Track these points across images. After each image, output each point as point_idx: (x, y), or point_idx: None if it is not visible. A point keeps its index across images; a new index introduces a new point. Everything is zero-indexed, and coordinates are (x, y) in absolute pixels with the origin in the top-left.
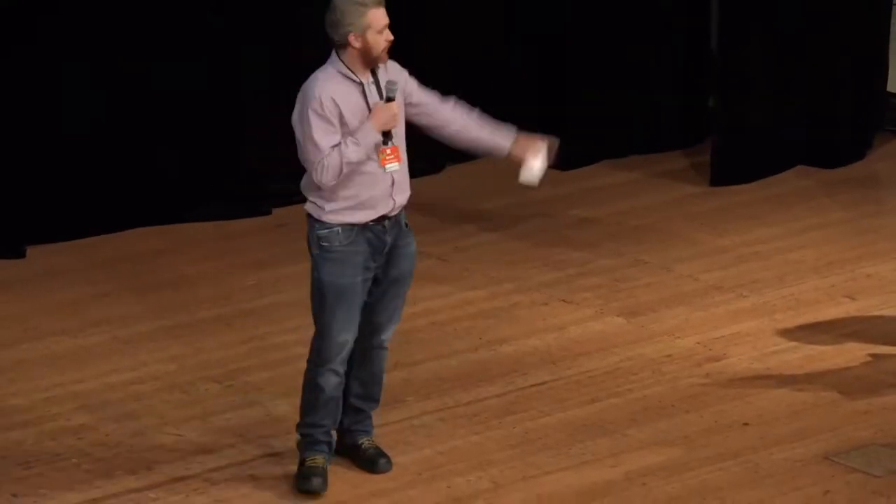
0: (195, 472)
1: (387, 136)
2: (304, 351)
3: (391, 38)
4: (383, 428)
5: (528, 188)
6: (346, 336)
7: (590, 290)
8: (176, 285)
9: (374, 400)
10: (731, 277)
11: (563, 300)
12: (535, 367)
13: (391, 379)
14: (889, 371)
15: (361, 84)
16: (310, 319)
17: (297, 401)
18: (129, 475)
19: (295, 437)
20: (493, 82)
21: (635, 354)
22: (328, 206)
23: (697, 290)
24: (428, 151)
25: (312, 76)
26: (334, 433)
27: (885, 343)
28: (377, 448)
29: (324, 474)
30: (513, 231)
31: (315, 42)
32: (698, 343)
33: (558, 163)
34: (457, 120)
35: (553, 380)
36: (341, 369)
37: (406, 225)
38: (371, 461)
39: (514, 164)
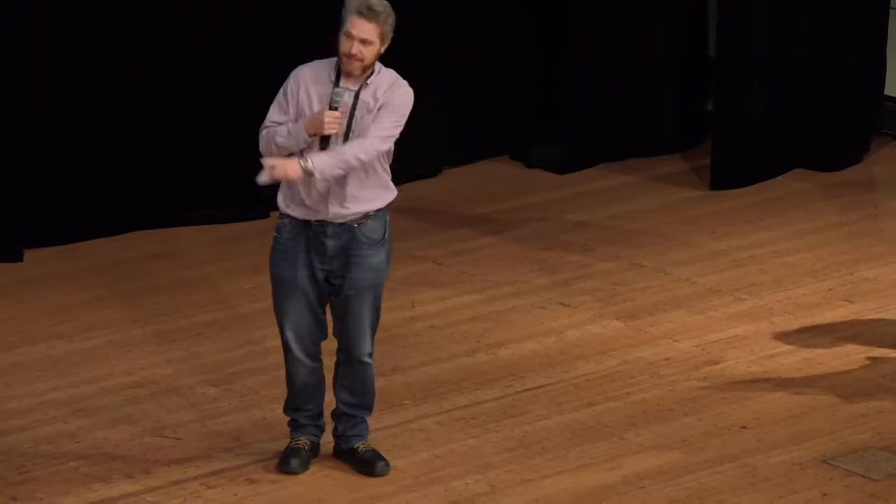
0: (192, 475)
1: (324, 142)
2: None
3: (353, 50)
4: (380, 432)
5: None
6: (299, 329)
7: (587, 293)
8: (172, 289)
9: (365, 408)
10: (729, 281)
11: (561, 304)
12: (533, 371)
13: (388, 383)
14: (887, 374)
15: (333, 84)
16: None
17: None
18: (126, 479)
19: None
20: (492, 83)
21: (633, 358)
22: (282, 195)
23: (695, 294)
24: (424, 155)
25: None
26: (324, 418)
27: (882, 346)
28: (373, 451)
29: (304, 456)
30: (510, 234)
31: (313, 45)
32: (696, 346)
33: (557, 166)
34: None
35: (551, 383)
36: (307, 360)
37: (366, 238)
38: (369, 464)
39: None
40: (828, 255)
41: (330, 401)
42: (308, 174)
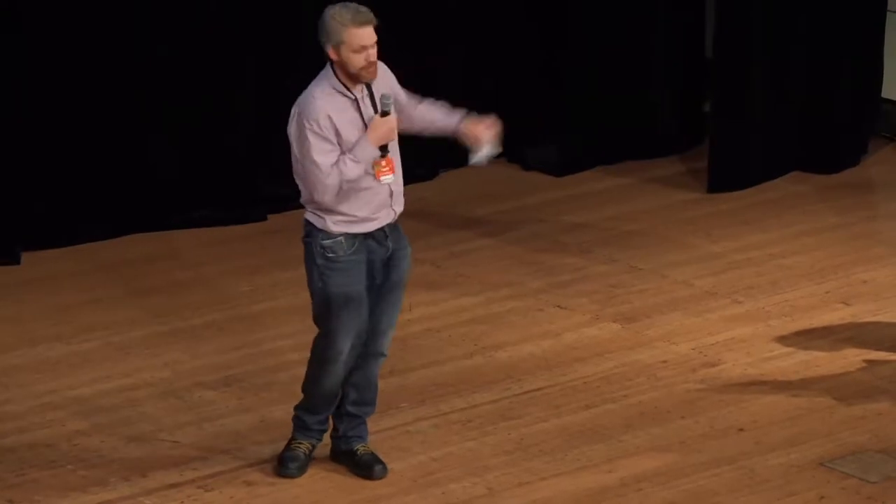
0: (190, 478)
1: (384, 149)
2: (299, 357)
3: (372, 59)
4: (378, 434)
5: (481, 167)
6: (352, 341)
7: (585, 295)
8: (170, 291)
9: (369, 404)
10: (726, 283)
11: (558, 306)
12: (531, 373)
13: (386, 385)
14: (884, 377)
15: (356, 99)
16: (304, 325)
17: (292, 407)
18: (124, 481)
19: (292, 414)
20: (490, 85)
21: (630, 360)
22: (331, 217)
23: (692, 296)
24: (422, 157)
25: (308, 90)
26: (330, 422)
27: (880, 349)
28: (372, 454)
29: (303, 460)
30: (507, 237)
31: (311, 49)
32: (693, 349)
33: (554, 168)
34: (424, 114)
35: (548, 386)
36: (344, 370)
37: (402, 231)
38: (367, 467)
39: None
40: (825, 257)
41: None
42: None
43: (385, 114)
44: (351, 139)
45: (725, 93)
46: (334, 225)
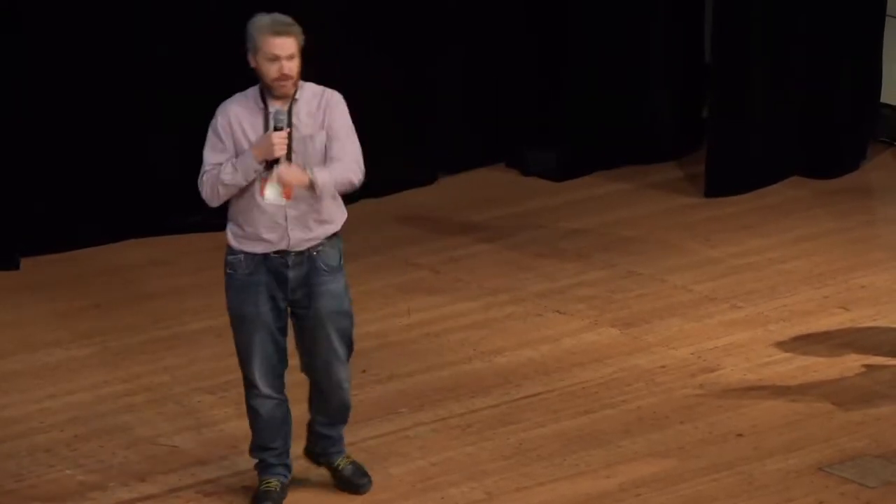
0: (188, 483)
1: (270, 165)
2: (296, 361)
3: (285, 70)
4: (377, 439)
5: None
6: (266, 364)
7: (583, 300)
8: (168, 296)
9: (340, 424)
10: (725, 288)
11: (557, 311)
12: (529, 378)
13: (385, 390)
14: (883, 382)
15: (265, 111)
16: None
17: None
18: (123, 487)
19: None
20: (489, 91)
21: (629, 365)
22: (232, 231)
23: (691, 301)
24: (420, 162)
25: (233, 96)
26: (290, 459)
27: (879, 354)
28: (353, 465)
29: (275, 497)
30: (506, 242)
31: (312, 50)
32: (692, 354)
33: (553, 173)
34: None
35: (547, 391)
36: (273, 393)
37: (325, 265)
38: (349, 483)
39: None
40: (824, 262)
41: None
42: (311, 185)
43: (277, 129)
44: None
45: (724, 97)
46: (234, 241)
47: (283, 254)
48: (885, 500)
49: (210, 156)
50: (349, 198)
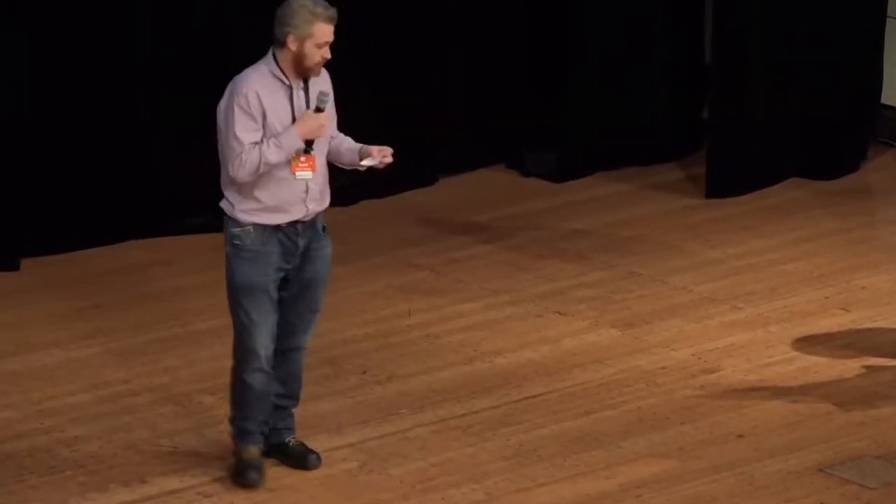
0: (189, 484)
1: (309, 145)
2: None
3: (328, 55)
4: (377, 440)
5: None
6: (265, 336)
7: (584, 301)
8: (169, 297)
9: (294, 398)
10: (725, 289)
11: (558, 312)
12: (530, 379)
13: (385, 391)
14: (883, 383)
15: (290, 88)
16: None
17: (228, 421)
18: (124, 487)
19: (229, 430)
20: (489, 92)
21: (630, 366)
22: (241, 206)
23: (691, 302)
24: (421, 164)
25: (245, 72)
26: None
27: (879, 355)
28: (302, 444)
29: (259, 466)
30: (506, 243)
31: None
32: (693, 355)
33: (553, 174)
34: (338, 144)
35: (547, 392)
36: (267, 366)
37: (324, 228)
38: (300, 458)
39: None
40: (824, 263)
41: None
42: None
43: (319, 110)
44: (275, 124)
45: (724, 98)
46: (244, 214)
47: (295, 223)
48: (886, 501)
49: (244, 135)
50: (349, 199)
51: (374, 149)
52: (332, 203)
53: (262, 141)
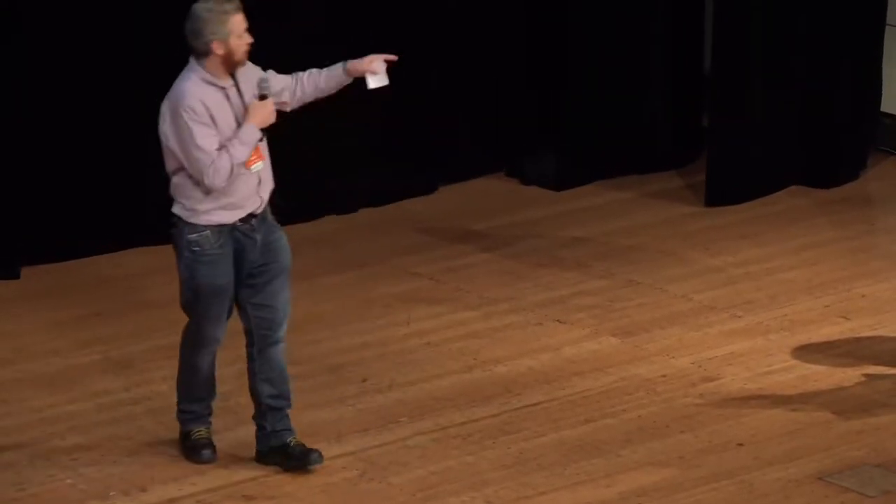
0: (189, 492)
1: (262, 133)
2: (294, 371)
3: (251, 40)
4: (377, 448)
5: (380, 90)
6: (223, 327)
7: (584, 310)
8: (168, 305)
9: (286, 398)
10: (725, 297)
11: (557, 320)
12: (530, 388)
13: (385, 399)
14: (883, 391)
15: (224, 89)
16: (300, 340)
17: (176, 405)
18: (123, 496)
19: (176, 415)
20: (488, 100)
21: (629, 374)
22: (201, 207)
23: (691, 310)
24: (420, 172)
25: (177, 86)
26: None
27: (878, 363)
28: (303, 445)
29: (212, 445)
30: (506, 251)
31: (312, 52)
32: (692, 363)
33: (552, 182)
34: (311, 82)
35: (547, 400)
36: (216, 347)
37: (274, 219)
38: (302, 457)
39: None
40: (824, 271)
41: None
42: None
43: (263, 97)
44: (224, 127)
45: (724, 106)
46: (204, 216)
47: (248, 220)
48: None
49: (207, 143)
50: (347, 208)
51: (366, 61)
52: (331, 210)
53: (225, 144)
